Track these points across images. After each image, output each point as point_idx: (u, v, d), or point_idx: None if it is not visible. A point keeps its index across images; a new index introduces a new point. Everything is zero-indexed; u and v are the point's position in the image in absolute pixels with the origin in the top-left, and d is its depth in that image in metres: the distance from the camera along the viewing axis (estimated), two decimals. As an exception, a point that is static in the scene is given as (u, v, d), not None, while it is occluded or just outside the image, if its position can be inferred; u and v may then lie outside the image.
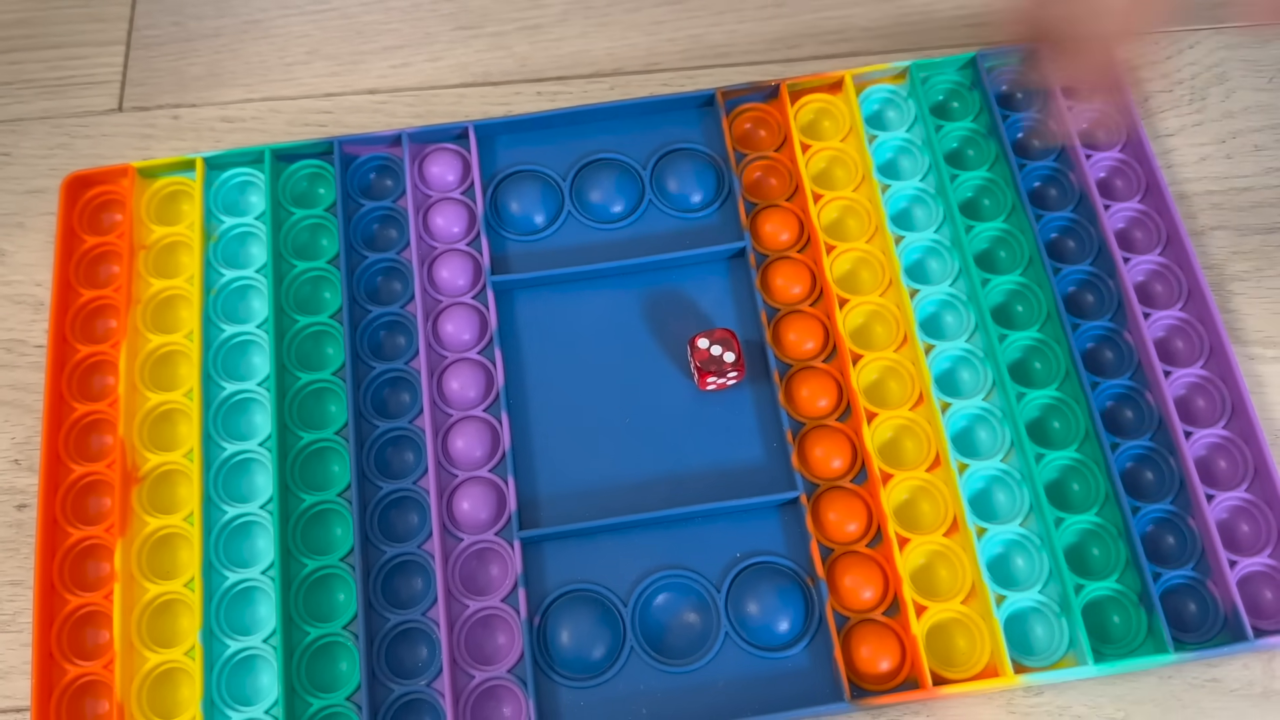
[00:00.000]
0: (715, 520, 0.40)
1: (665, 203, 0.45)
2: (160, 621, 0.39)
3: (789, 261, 0.44)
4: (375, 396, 0.42)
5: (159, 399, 0.42)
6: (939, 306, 0.44)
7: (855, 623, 0.39)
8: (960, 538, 0.40)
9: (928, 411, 0.41)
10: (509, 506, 0.40)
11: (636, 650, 0.39)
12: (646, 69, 0.50)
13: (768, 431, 0.42)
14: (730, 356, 0.41)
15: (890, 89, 0.47)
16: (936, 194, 0.45)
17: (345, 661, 0.39)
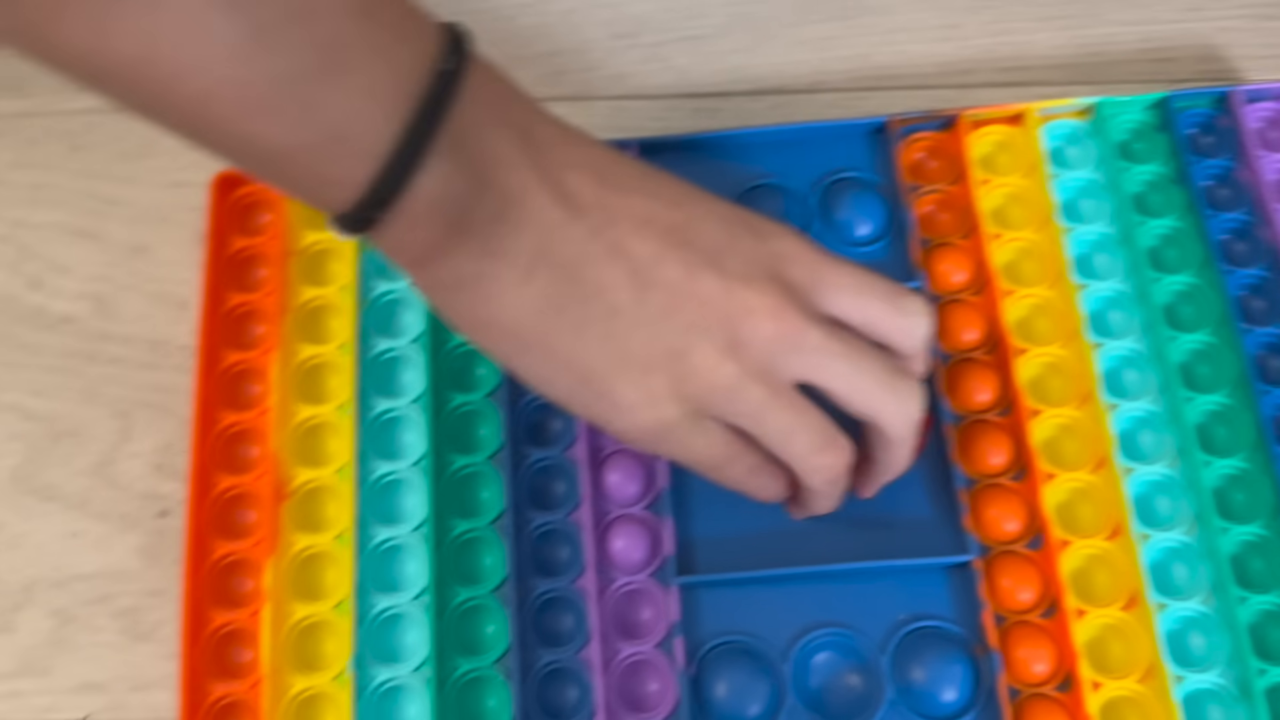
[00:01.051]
0: (880, 578, 0.39)
1: (831, 234, 0.44)
2: (307, 644, 0.38)
3: (963, 305, 0.42)
4: (529, 421, 0.41)
5: (310, 412, 0.41)
6: (1119, 362, 0.41)
7: (1026, 696, 0.37)
8: (1139, 613, 0.38)
9: (1109, 476, 0.39)
10: (664, 549, 0.39)
11: (795, 709, 0.37)
12: (811, 88, 0.48)
13: (935, 487, 0.40)
14: None
15: (1072, 125, 0.45)
16: (1121, 240, 0.43)
17: (495, 698, 0.38)
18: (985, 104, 0.45)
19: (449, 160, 0.28)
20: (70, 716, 0.39)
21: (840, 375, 0.33)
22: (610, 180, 0.32)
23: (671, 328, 0.31)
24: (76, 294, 0.45)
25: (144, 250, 0.46)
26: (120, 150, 0.47)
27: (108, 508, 0.42)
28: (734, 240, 0.32)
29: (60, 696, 0.40)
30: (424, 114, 0.27)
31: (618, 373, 0.31)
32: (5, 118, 0.48)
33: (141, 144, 0.47)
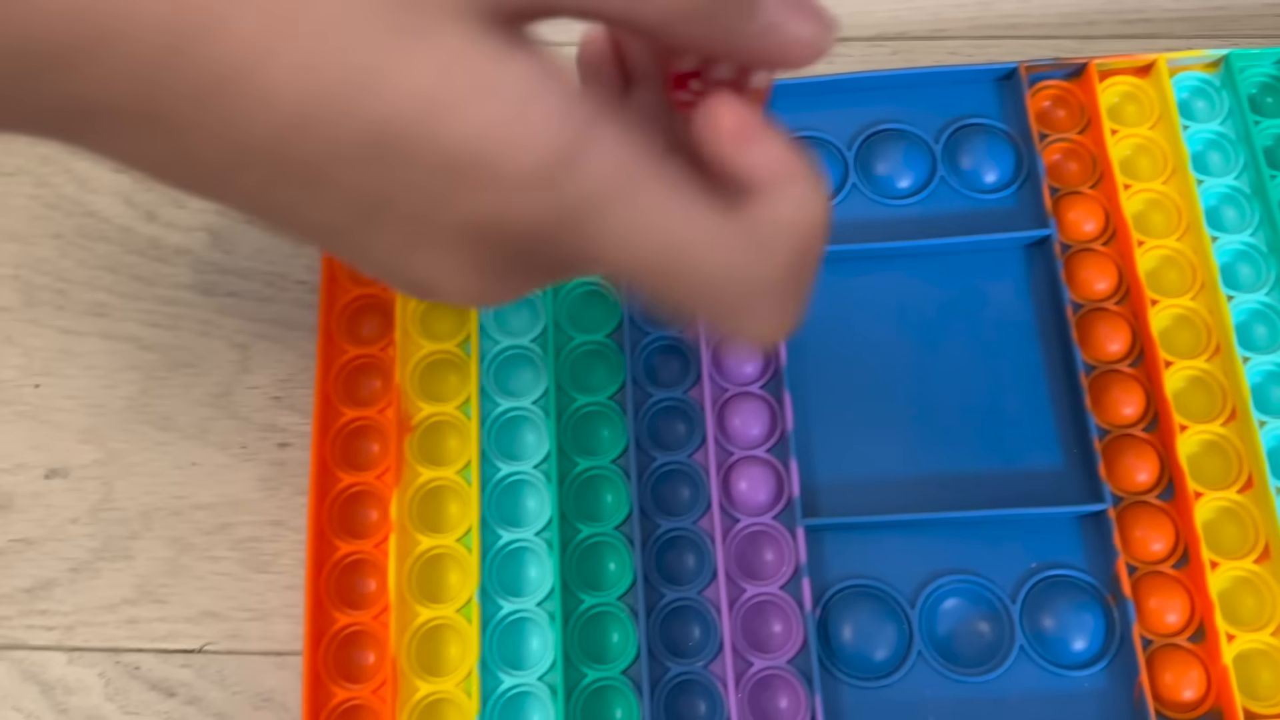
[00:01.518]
0: (1009, 527, 0.38)
1: (957, 181, 0.43)
2: (432, 576, 0.38)
3: (1093, 254, 0.41)
4: (648, 364, 0.41)
5: (432, 347, 0.41)
6: (1250, 316, 0.41)
7: (1158, 646, 0.37)
8: (1273, 565, 0.37)
9: (1241, 427, 0.39)
10: (789, 491, 0.38)
11: (924, 655, 0.37)
12: (932, 35, 0.47)
13: (1067, 436, 0.39)
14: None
15: (1201, 77, 0.44)
16: (1252, 194, 0.42)
17: (618, 633, 0.38)
18: (1109, 55, 0.44)
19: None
20: (187, 645, 0.40)
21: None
22: None
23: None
24: (192, 226, 0.45)
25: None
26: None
27: (226, 438, 0.42)
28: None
29: (177, 625, 0.40)
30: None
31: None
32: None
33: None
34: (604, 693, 0.37)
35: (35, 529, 0.41)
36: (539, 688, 0.37)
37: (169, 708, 0.38)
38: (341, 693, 0.37)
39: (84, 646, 0.39)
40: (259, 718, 0.38)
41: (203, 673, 0.39)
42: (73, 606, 0.40)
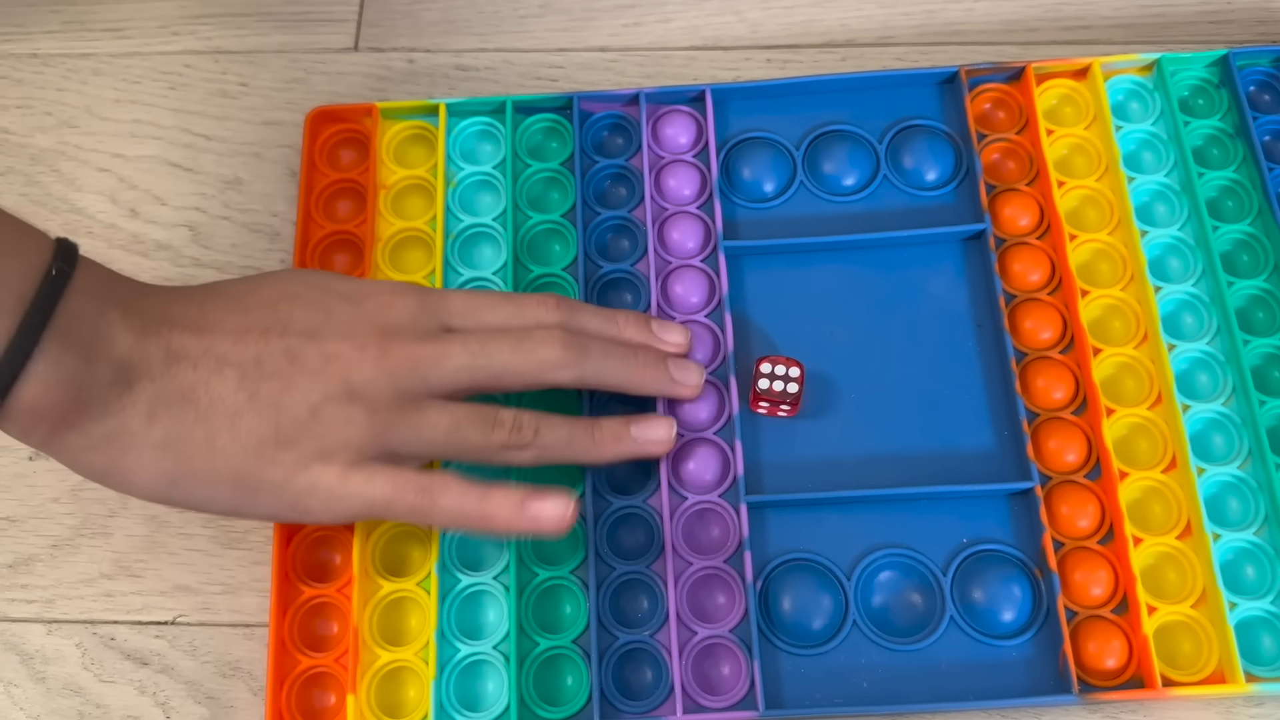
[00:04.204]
0: (942, 504, 0.40)
1: (899, 179, 0.45)
2: (394, 550, 0.40)
3: (1028, 247, 0.43)
4: (603, 351, 0.43)
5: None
6: (1178, 306, 0.43)
7: (1083, 618, 0.38)
8: (1194, 541, 0.39)
9: (1167, 412, 0.41)
10: (734, 470, 0.40)
11: (859, 624, 0.39)
12: (880, 42, 0.49)
13: (999, 419, 0.41)
14: (793, 389, 0.40)
15: (1135, 80, 0.46)
16: (1181, 191, 0.44)
17: (570, 604, 0.40)
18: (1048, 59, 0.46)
19: (59, 348, 0.32)
20: (161, 617, 0.41)
21: (468, 366, 0.36)
22: (206, 317, 0.36)
23: (291, 403, 0.35)
24: (172, 223, 0.47)
25: (237, 183, 0.48)
26: (217, 89, 0.49)
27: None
28: (329, 315, 0.36)
29: (151, 598, 0.42)
30: (34, 311, 0.32)
31: (259, 461, 0.35)
32: (108, 57, 0.50)
33: (237, 83, 0.50)
34: (555, 661, 0.39)
35: (18, 508, 0.43)
36: (494, 656, 0.39)
37: (142, 676, 0.40)
38: (306, 661, 0.39)
39: (62, 619, 0.41)
40: (228, 685, 0.40)
41: (175, 643, 0.41)
42: (52, 581, 0.42)
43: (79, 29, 0.51)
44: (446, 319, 0.38)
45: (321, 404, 0.35)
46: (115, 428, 0.34)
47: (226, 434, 0.35)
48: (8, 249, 0.32)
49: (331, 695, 0.39)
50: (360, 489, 0.35)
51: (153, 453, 0.34)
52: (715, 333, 0.43)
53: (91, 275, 0.34)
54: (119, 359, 0.34)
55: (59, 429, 0.33)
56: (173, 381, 0.34)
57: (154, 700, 0.40)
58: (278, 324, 0.36)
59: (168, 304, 0.36)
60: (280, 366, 0.35)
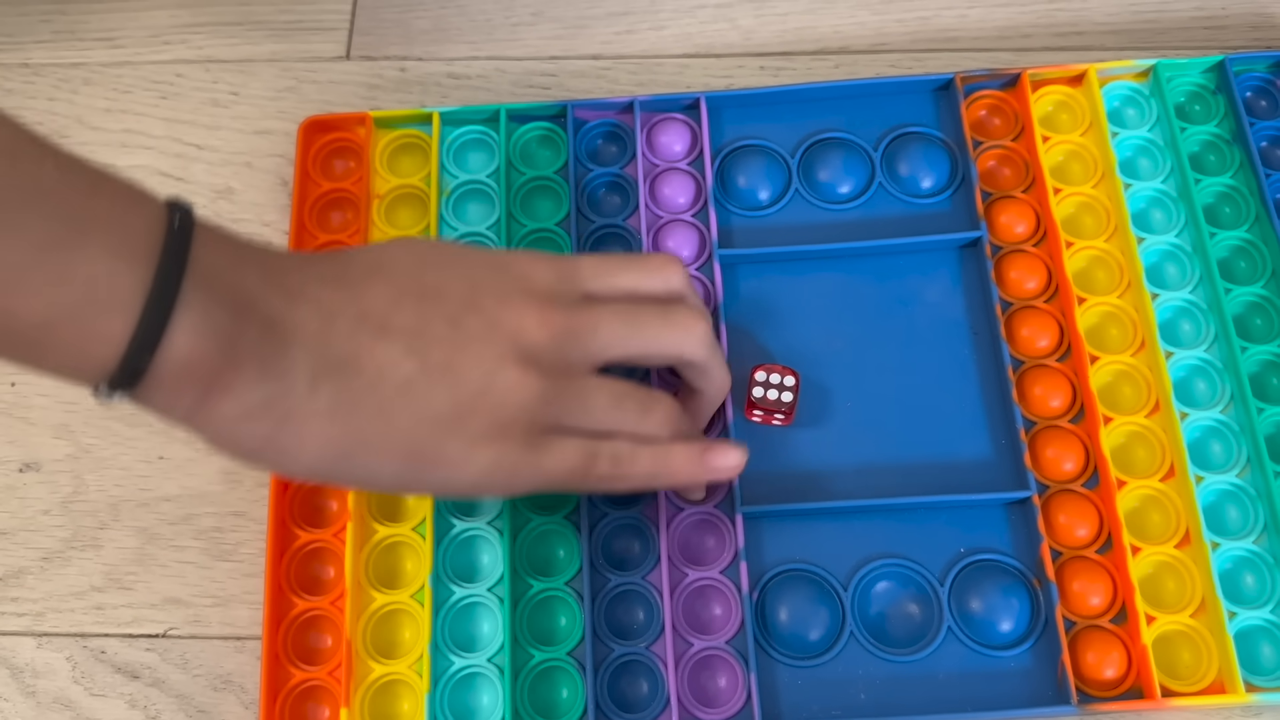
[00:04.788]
0: (939, 513, 0.40)
1: (895, 186, 0.45)
2: (388, 562, 0.40)
3: (1024, 255, 0.43)
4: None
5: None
6: (1175, 313, 0.43)
7: (1081, 628, 0.38)
8: (1193, 551, 0.39)
9: (1164, 420, 0.40)
10: (730, 481, 0.40)
11: (856, 635, 0.38)
12: (873, 49, 0.49)
13: (996, 428, 0.41)
14: (787, 398, 0.40)
15: (1131, 86, 0.46)
16: (1178, 197, 0.44)
17: (565, 616, 0.39)
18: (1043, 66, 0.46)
19: (203, 297, 0.29)
20: (152, 630, 0.41)
21: (622, 337, 0.35)
22: (349, 280, 0.33)
23: (464, 372, 0.33)
24: (164, 232, 0.47)
25: (229, 193, 0.47)
26: (208, 98, 0.49)
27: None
28: (477, 282, 0.34)
29: (143, 611, 0.41)
30: (168, 258, 0.28)
31: (437, 435, 0.32)
32: (99, 67, 0.50)
33: (228, 92, 0.49)
34: (550, 673, 0.39)
35: (8, 520, 0.43)
36: (488, 668, 0.38)
37: (133, 689, 0.40)
38: (299, 674, 0.38)
39: (53, 632, 0.41)
40: (219, 698, 0.40)
41: (166, 656, 0.40)
42: (43, 594, 0.41)
43: (70, 38, 0.51)
44: (582, 284, 0.36)
45: (496, 370, 0.33)
46: (275, 392, 0.30)
47: (400, 403, 0.32)
48: (123, 199, 0.29)
49: (325, 709, 0.38)
50: (553, 464, 0.34)
51: (319, 421, 0.31)
52: (710, 341, 0.43)
53: (214, 232, 0.31)
54: (269, 316, 0.30)
55: (211, 393, 0.30)
56: (332, 345, 0.31)
57: (145, 714, 0.39)
58: (430, 290, 0.34)
59: (306, 265, 0.33)
60: (445, 333, 0.33)
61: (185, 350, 0.29)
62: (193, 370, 0.29)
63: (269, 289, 0.31)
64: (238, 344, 0.30)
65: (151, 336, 0.28)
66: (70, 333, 0.28)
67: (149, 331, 0.28)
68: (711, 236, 0.44)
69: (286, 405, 0.31)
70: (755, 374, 0.41)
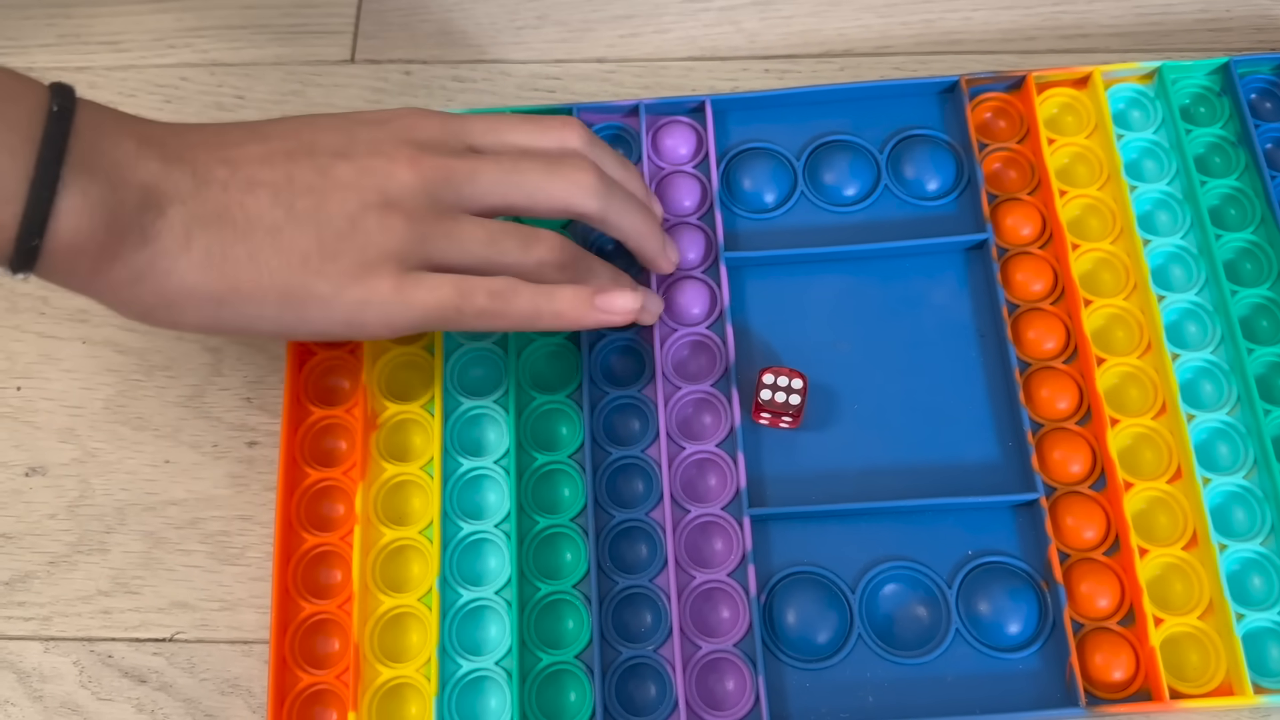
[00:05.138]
0: (947, 515, 0.40)
1: (900, 189, 0.45)
2: (395, 566, 0.40)
3: (1030, 257, 0.43)
4: (604, 362, 0.43)
5: (398, 351, 0.43)
6: (1181, 315, 0.43)
7: (1089, 630, 0.38)
8: (1200, 552, 0.39)
9: (1171, 422, 0.40)
10: (737, 483, 0.40)
11: (864, 638, 0.38)
12: (878, 51, 0.49)
13: (1003, 430, 0.41)
14: (795, 400, 0.40)
15: (1136, 89, 0.46)
16: (1184, 199, 0.44)
17: (573, 619, 0.39)
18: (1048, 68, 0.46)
19: (82, 178, 0.32)
20: (159, 634, 0.41)
21: (500, 185, 0.37)
22: (225, 142, 0.35)
23: (329, 215, 0.35)
24: (169, 236, 0.47)
25: (234, 196, 0.47)
26: (213, 102, 0.49)
27: (198, 437, 0.44)
28: (352, 135, 0.36)
29: (149, 615, 0.41)
30: (47, 146, 0.31)
31: (305, 274, 0.34)
32: (104, 70, 0.50)
33: (233, 96, 0.49)
34: (558, 677, 0.39)
35: (15, 525, 0.43)
36: (496, 672, 0.38)
37: (140, 694, 0.40)
38: (306, 678, 0.38)
39: (60, 636, 0.41)
40: (226, 702, 0.40)
41: (173, 660, 0.40)
42: (50, 598, 0.41)
43: (75, 42, 0.51)
44: (469, 139, 0.38)
45: (359, 214, 0.35)
46: (155, 252, 0.33)
47: (269, 249, 0.34)
48: (12, 93, 0.32)
49: (332, 713, 0.38)
50: (424, 297, 0.35)
51: (196, 274, 0.34)
52: (717, 344, 0.43)
53: (96, 112, 0.33)
54: (145, 184, 0.33)
55: (100, 263, 0.33)
56: (205, 203, 0.34)
57: (152, 718, 0.39)
58: (303, 146, 0.36)
59: (183, 133, 0.35)
60: (314, 182, 0.35)
61: (71, 229, 0.31)
62: (81, 245, 0.32)
63: (145, 158, 0.33)
64: (118, 215, 0.32)
65: (37, 221, 0.31)
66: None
67: (34, 217, 0.31)
68: (718, 239, 0.44)
69: (166, 264, 0.33)
70: (763, 376, 0.41)
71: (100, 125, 0.33)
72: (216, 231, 0.34)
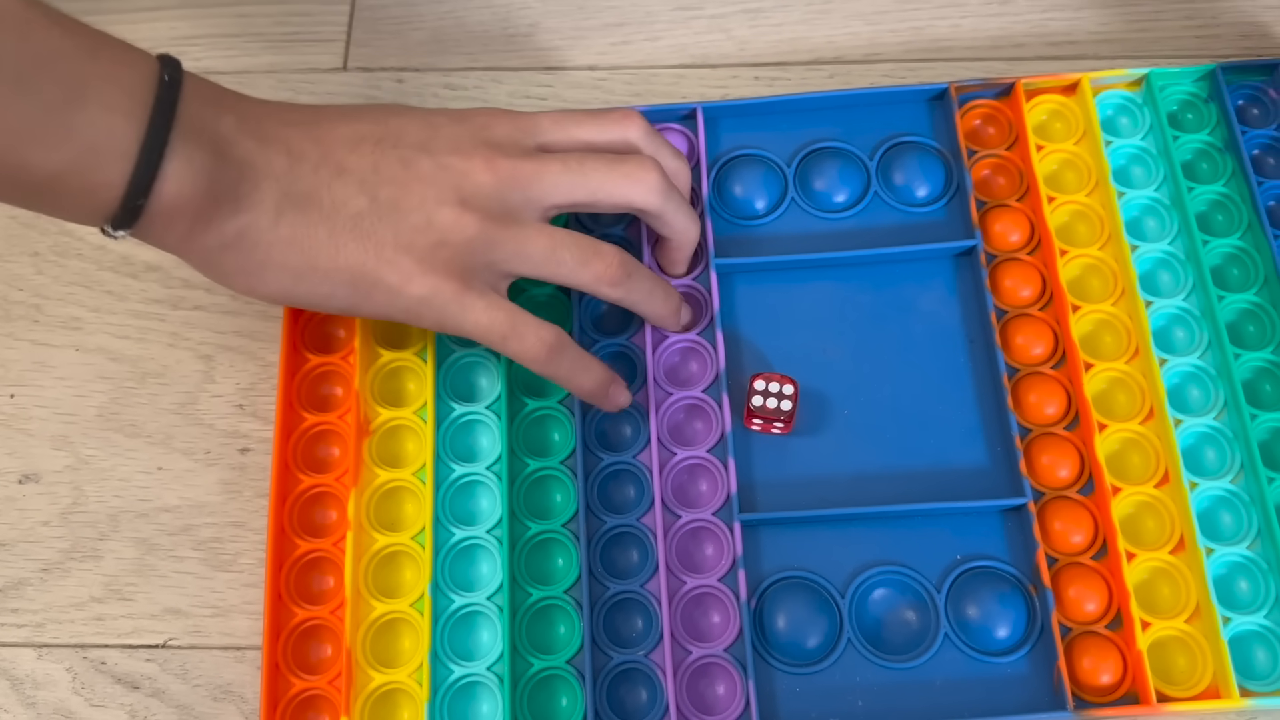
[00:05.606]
0: (935, 520, 0.40)
1: (890, 195, 0.45)
2: (387, 571, 0.40)
3: (1019, 263, 0.43)
4: (595, 369, 0.43)
5: (391, 357, 0.43)
6: (1168, 320, 0.43)
7: (1077, 634, 0.38)
8: (1187, 556, 0.39)
9: (1158, 426, 0.41)
10: (728, 488, 0.40)
11: (853, 642, 0.39)
12: (867, 59, 0.49)
13: (991, 435, 0.41)
14: (786, 406, 0.40)
15: (1124, 95, 0.46)
16: (1171, 205, 0.44)
17: (564, 625, 0.39)
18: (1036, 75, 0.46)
19: (189, 144, 0.34)
20: (152, 640, 0.41)
21: (566, 183, 0.38)
22: (319, 125, 0.38)
23: (408, 210, 0.37)
24: (162, 243, 0.47)
25: (227, 203, 0.48)
26: (205, 108, 0.49)
27: (191, 444, 0.44)
28: (435, 129, 0.38)
29: (142, 621, 0.41)
30: (158, 112, 0.33)
31: (378, 262, 0.37)
32: (95, 77, 0.50)
33: (225, 103, 0.49)
34: (550, 682, 0.39)
35: (8, 531, 0.43)
36: (488, 677, 0.38)
37: (133, 700, 0.40)
38: (299, 684, 0.38)
39: (53, 643, 0.41)
40: (219, 709, 0.40)
41: (166, 666, 0.40)
42: (43, 605, 0.41)
43: (68, 50, 0.51)
44: (540, 137, 0.39)
45: (436, 209, 0.37)
46: (246, 224, 0.35)
47: (348, 234, 0.36)
48: (120, 60, 0.33)
49: (325, 718, 0.39)
50: (478, 316, 0.37)
51: (280, 248, 0.36)
52: (708, 350, 0.43)
53: (200, 84, 0.35)
54: (243, 159, 0.35)
55: (195, 227, 0.35)
56: (296, 182, 0.36)
57: (145, 725, 0.40)
58: (390, 135, 0.38)
59: (280, 112, 0.37)
60: (396, 173, 0.37)
61: (174, 191, 0.33)
62: (181, 207, 0.34)
63: (244, 134, 0.36)
64: (217, 183, 0.34)
65: (145, 181, 0.33)
66: (77, 182, 0.32)
67: (143, 178, 0.33)
68: (708, 246, 0.44)
69: (255, 235, 0.36)
70: (754, 383, 0.41)
71: (204, 97, 0.35)
72: (304, 211, 0.36)
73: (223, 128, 0.35)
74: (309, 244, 0.36)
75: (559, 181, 0.38)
